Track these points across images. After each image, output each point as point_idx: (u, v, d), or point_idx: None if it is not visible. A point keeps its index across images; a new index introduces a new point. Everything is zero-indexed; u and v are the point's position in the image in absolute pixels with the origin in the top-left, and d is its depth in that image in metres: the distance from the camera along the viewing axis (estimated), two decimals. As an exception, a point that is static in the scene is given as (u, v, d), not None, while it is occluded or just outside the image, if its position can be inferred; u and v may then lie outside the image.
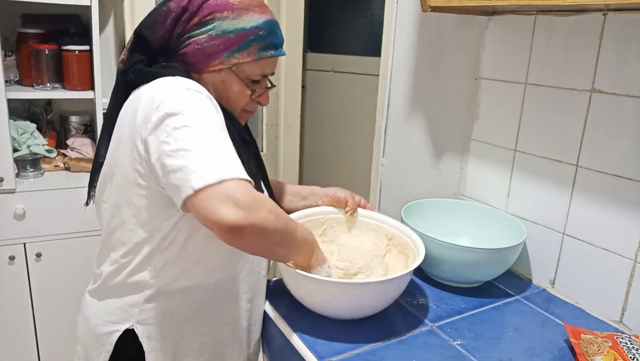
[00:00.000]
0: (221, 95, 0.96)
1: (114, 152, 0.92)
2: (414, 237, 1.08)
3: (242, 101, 0.99)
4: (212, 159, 0.78)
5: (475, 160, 1.35)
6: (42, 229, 1.79)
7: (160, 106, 0.82)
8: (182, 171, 0.77)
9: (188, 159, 0.77)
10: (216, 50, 0.93)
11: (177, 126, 0.79)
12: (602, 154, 1.05)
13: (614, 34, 1.01)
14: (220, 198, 0.75)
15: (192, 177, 0.76)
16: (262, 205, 0.79)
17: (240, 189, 0.76)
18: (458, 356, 0.91)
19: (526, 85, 1.19)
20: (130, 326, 0.94)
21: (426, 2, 1.13)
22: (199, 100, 0.84)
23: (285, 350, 0.96)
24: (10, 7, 1.85)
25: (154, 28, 0.94)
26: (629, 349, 0.89)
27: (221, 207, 0.75)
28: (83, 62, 1.86)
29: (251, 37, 0.93)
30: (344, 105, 2.68)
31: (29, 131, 1.87)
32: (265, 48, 0.95)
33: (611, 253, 1.05)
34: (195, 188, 0.75)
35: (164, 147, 0.80)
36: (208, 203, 0.76)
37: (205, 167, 0.76)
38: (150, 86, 0.89)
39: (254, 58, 0.95)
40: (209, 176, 0.75)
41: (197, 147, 0.78)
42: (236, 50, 0.93)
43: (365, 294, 0.95)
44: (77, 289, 1.31)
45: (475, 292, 1.14)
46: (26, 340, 1.85)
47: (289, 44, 2.35)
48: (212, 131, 0.81)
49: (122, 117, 0.92)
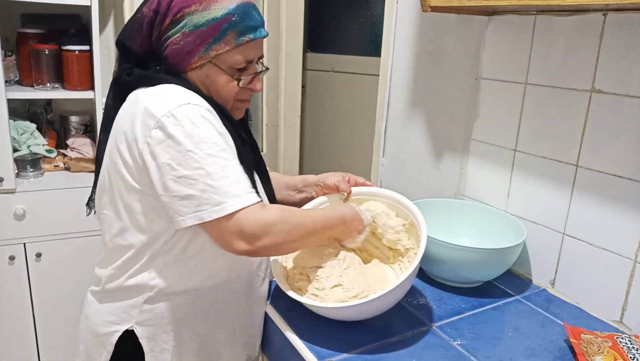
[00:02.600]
0: (210, 90, 0.95)
1: (111, 159, 0.92)
2: (412, 207, 1.07)
3: (232, 91, 0.96)
4: (217, 190, 0.81)
5: (475, 160, 1.35)
6: (42, 229, 1.79)
7: (161, 121, 0.83)
8: (188, 200, 0.82)
9: (194, 188, 0.81)
10: (193, 47, 0.91)
11: (180, 151, 0.82)
12: (602, 154, 1.05)
13: (614, 34, 1.01)
14: (229, 232, 0.82)
15: (201, 210, 0.81)
16: (270, 229, 0.84)
17: (245, 221, 0.82)
18: (458, 356, 0.91)
19: (526, 85, 1.19)
20: (130, 327, 0.95)
21: (426, 2, 1.13)
22: (200, 117, 0.84)
23: (285, 350, 0.96)
24: (10, 7, 1.85)
25: (133, 36, 0.94)
26: (629, 349, 0.89)
27: (232, 241, 0.83)
28: (83, 62, 1.86)
29: (225, 25, 0.90)
30: (344, 105, 2.68)
31: (29, 131, 1.86)
32: (242, 33, 0.92)
33: (611, 253, 1.05)
34: (205, 220, 0.82)
35: (168, 170, 0.82)
36: (220, 236, 0.84)
37: (212, 200, 0.81)
38: (147, 93, 0.89)
39: (233, 46, 0.92)
40: (217, 211, 0.81)
41: (202, 177, 0.81)
42: (212, 42, 0.91)
43: (366, 310, 0.95)
44: (77, 289, 1.31)
45: (475, 292, 1.14)
46: (26, 340, 1.85)
47: (289, 43, 2.35)
48: (215, 156, 0.83)
49: (119, 122, 0.92)
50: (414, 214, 1.06)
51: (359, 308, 0.92)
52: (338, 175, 1.17)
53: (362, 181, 1.18)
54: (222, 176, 0.82)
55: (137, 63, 0.94)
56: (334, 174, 1.18)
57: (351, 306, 0.92)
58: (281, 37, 2.33)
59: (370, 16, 2.54)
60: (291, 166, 2.59)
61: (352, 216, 1.01)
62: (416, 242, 1.06)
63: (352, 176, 1.18)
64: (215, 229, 0.84)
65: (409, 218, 1.08)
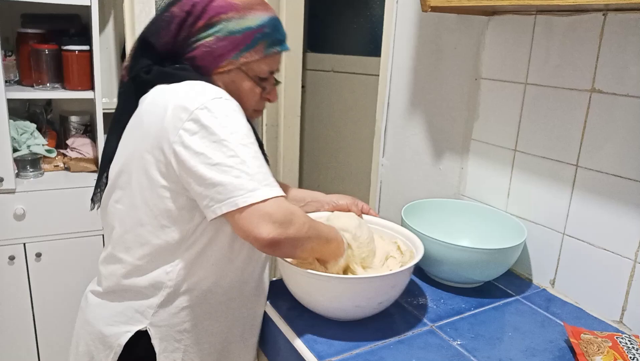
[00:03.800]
0: (233, 95, 0.95)
1: (132, 152, 0.91)
2: (417, 242, 1.08)
3: (253, 99, 0.99)
4: (252, 177, 0.82)
5: (475, 160, 1.35)
6: (42, 229, 1.79)
7: (194, 114, 0.83)
8: (222, 186, 0.82)
9: (229, 175, 0.82)
10: (224, 51, 0.93)
11: (215, 140, 0.83)
12: (602, 154, 1.05)
13: (614, 34, 1.01)
14: (260, 216, 0.82)
15: (236, 195, 0.81)
16: (295, 219, 0.85)
17: (276, 206, 0.83)
18: (458, 356, 0.91)
19: (526, 85, 1.19)
20: (143, 328, 0.94)
21: (426, 2, 1.13)
22: (232, 111, 0.87)
23: (285, 350, 0.96)
24: (10, 7, 1.85)
25: (159, 34, 0.94)
26: (628, 349, 0.89)
27: (261, 225, 0.82)
28: (83, 62, 1.86)
29: (257, 36, 0.94)
30: (344, 105, 2.67)
31: (29, 131, 1.87)
32: (271, 45, 0.97)
33: (611, 253, 1.05)
34: (240, 205, 0.81)
35: (202, 159, 0.83)
36: (249, 220, 0.83)
37: (247, 186, 0.82)
38: (176, 88, 0.89)
39: (262, 56, 0.96)
40: (252, 196, 0.81)
41: (237, 164, 0.82)
42: (244, 49, 0.94)
43: (364, 290, 0.94)
44: (77, 289, 1.31)
45: (475, 292, 1.14)
46: (26, 340, 1.85)
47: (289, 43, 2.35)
48: (249, 146, 0.85)
49: (144, 116, 0.91)
50: (415, 245, 1.08)
51: (359, 283, 0.93)
52: (349, 198, 1.23)
53: (368, 209, 1.23)
54: (256, 165, 0.84)
55: (155, 61, 0.95)
56: (344, 197, 1.23)
57: (353, 279, 0.94)
58: (281, 37, 2.33)
59: (370, 16, 2.53)
60: (291, 166, 2.59)
61: (338, 239, 0.99)
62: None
63: (360, 202, 1.23)
64: (246, 215, 0.82)
65: (408, 247, 1.10)
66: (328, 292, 0.95)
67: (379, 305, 0.97)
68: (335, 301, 0.96)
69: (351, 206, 1.20)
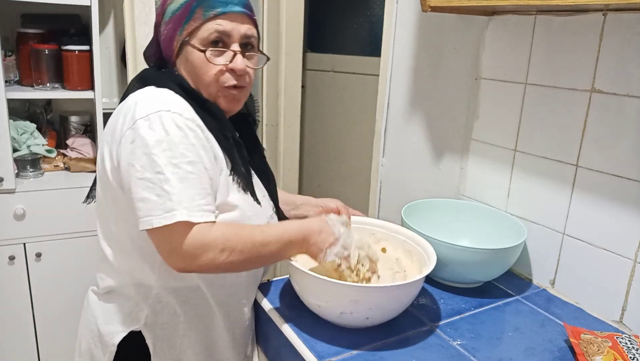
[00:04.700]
0: (193, 76, 0.94)
1: (101, 158, 0.94)
2: (417, 238, 1.08)
3: (210, 72, 0.92)
4: (172, 198, 0.80)
5: (475, 160, 1.35)
6: (42, 229, 1.79)
7: (136, 123, 0.84)
8: (143, 202, 0.81)
9: (151, 193, 0.81)
10: (172, 33, 0.94)
11: (147, 153, 0.82)
12: (602, 154, 1.05)
13: (614, 34, 1.01)
14: (170, 246, 0.82)
15: (153, 214, 0.81)
16: (209, 248, 0.82)
17: (186, 236, 0.81)
18: (458, 356, 0.91)
19: (526, 85, 1.19)
20: (137, 328, 0.94)
21: (426, 2, 1.13)
22: (174, 126, 0.84)
23: (285, 350, 0.96)
24: (10, 7, 1.85)
25: (151, 46, 1.00)
26: (628, 349, 0.89)
27: (170, 255, 0.82)
28: (83, 62, 1.86)
29: (194, 4, 0.91)
30: (344, 105, 2.67)
31: (29, 131, 1.86)
32: (209, 7, 0.91)
33: (611, 253, 1.05)
34: (155, 225, 0.80)
35: (132, 171, 0.83)
36: (161, 247, 0.83)
37: (165, 207, 0.80)
38: (138, 94, 0.90)
39: (202, 21, 0.91)
40: (166, 217, 0.80)
41: (161, 182, 0.81)
42: (184, 22, 0.92)
43: (382, 298, 0.90)
44: (77, 289, 1.31)
45: (475, 292, 1.14)
46: (26, 340, 1.85)
47: (289, 43, 2.35)
48: (179, 166, 0.82)
49: (112, 118, 0.93)
50: (424, 248, 1.06)
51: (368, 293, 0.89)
52: (339, 202, 1.20)
53: (359, 213, 1.21)
54: (179, 186, 0.81)
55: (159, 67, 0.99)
56: (334, 200, 1.20)
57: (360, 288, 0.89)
58: (281, 37, 2.33)
59: (370, 16, 2.53)
60: (291, 166, 2.59)
61: (320, 228, 0.92)
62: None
63: (351, 210, 1.20)
64: (159, 240, 0.83)
65: (413, 249, 1.09)
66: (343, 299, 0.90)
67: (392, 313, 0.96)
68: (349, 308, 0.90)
69: (340, 208, 1.17)
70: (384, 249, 1.14)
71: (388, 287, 0.90)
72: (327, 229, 0.92)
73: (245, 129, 1.07)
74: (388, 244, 1.14)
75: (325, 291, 0.91)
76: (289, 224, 0.92)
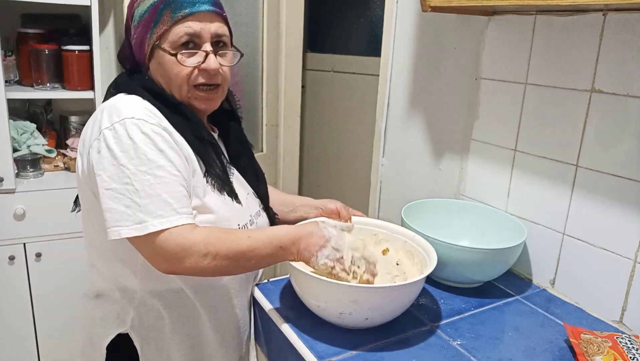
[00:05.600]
0: (166, 80, 0.94)
1: (77, 163, 0.95)
2: (418, 239, 1.08)
3: (181, 74, 0.92)
4: (143, 208, 0.80)
5: (475, 160, 1.35)
6: (42, 229, 1.79)
7: (102, 133, 0.84)
8: (110, 213, 0.81)
9: (119, 203, 0.81)
10: (142, 36, 0.93)
11: (114, 163, 0.82)
12: (602, 154, 1.05)
13: (614, 34, 1.01)
14: (148, 250, 0.82)
15: (121, 225, 0.80)
16: (192, 252, 0.81)
17: (166, 241, 0.80)
18: (458, 356, 0.91)
19: (526, 85, 1.19)
20: (124, 331, 0.95)
21: (426, 2, 1.13)
22: (140, 134, 0.83)
23: (285, 350, 0.96)
24: (10, 7, 1.85)
25: (123, 50, 1.00)
26: (628, 349, 0.89)
27: (153, 258, 0.82)
28: (83, 62, 1.86)
29: (161, 7, 0.91)
30: (344, 105, 2.68)
31: (29, 131, 1.86)
32: (176, 10, 0.90)
33: (611, 253, 1.05)
34: (123, 235, 0.80)
35: (99, 181, 0.83)
36: (141, 250, 0.83)
37: (135, 218, 0.80)
38: (105, 103, 0.91)
39: (170, 24, 0.91)
40: (137, 229, 0.80)
41: (129, 192, 0.81)
42: (153, 25, 0.92)
43: (384, 298, 0.90)
44: (77, 289, 1.31)
45: (475, 292, 1.14)
46: (26, 340, 1.85)
47: (289, 44, 2.35)
48: (148, 173, 0.82)
49: (85, 127, 0.94)
50: (425, 248, 1.05)
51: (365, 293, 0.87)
52: (339, 203, 1.18)
53: (359, 214, 1.19)
54: (150, 194, 0.81)
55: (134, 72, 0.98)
56: (334, 201, 1.18)
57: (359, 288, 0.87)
58: (281, 37, 2.33)
59: (370, 16, 2.54)
60: (291, 166, 2.59)
61: (311, 232, 0.89)
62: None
63: (351, 210, 1.18)
64: (139, 246, 0.84)
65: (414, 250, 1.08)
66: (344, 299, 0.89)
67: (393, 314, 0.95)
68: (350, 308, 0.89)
69: (340, 209, 1.16)
70: (385, 251, 1.13)
71: (387, 288, 0.90)
72: (318, 232, 0.90)
73: (231, 126, 1.06)
74: (390, 246, 1.14)
75: (324, 292, 0.90)
76: (279, 229, 0.90)
